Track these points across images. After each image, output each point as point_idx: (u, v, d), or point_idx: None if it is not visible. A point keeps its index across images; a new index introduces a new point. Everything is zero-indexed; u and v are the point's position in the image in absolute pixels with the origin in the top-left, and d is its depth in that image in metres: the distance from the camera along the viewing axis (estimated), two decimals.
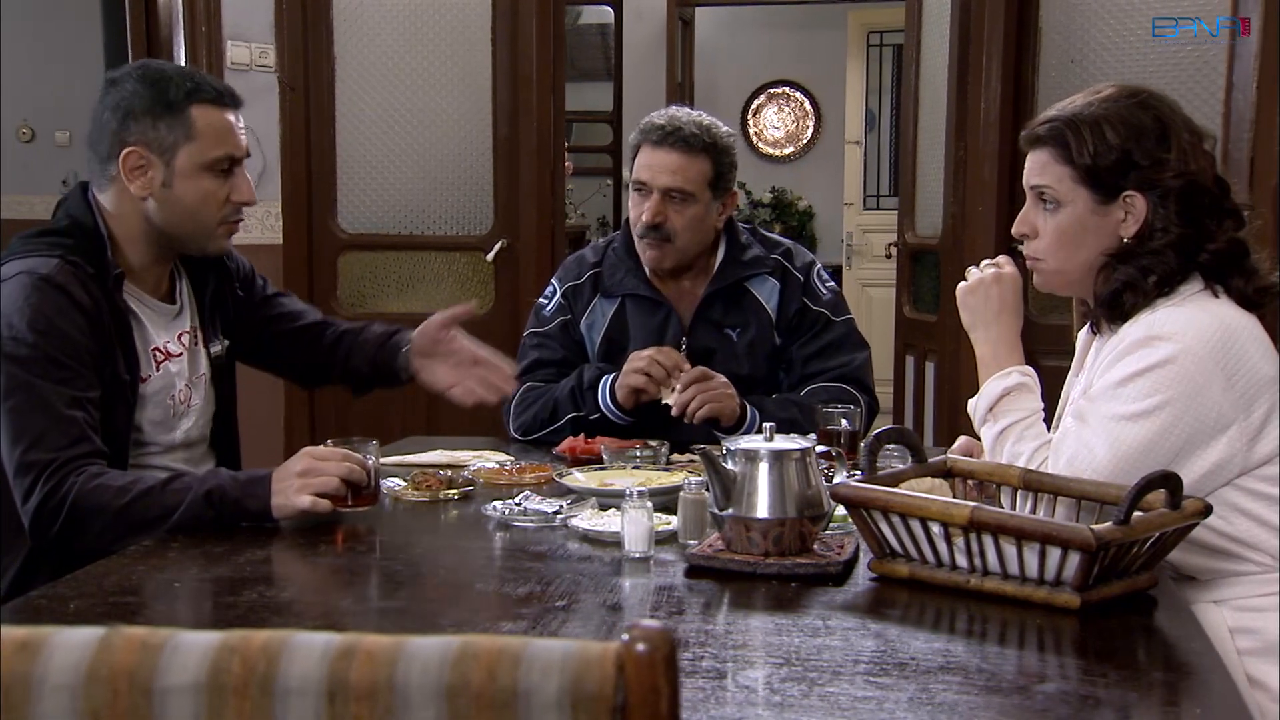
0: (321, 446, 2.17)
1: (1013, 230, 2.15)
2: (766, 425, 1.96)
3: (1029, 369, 2.18)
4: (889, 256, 5.87)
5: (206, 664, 0.76)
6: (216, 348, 2.50)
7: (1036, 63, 4.82)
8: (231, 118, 2.34)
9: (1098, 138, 2.01)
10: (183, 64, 4.59)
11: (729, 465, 1.93)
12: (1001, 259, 2.27)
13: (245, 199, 2.36)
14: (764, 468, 1.89)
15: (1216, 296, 1.98)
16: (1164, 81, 4.49)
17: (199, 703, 0.75)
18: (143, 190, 2.29)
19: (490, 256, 4.98)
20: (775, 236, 3.06)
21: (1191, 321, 1.93)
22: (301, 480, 2.09)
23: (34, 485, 2.09)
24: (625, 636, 0.76)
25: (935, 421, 5.06)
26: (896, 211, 8.98)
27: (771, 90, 9.98)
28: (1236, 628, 1.90)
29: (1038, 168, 2.09)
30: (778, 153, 9.84)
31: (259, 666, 0.75)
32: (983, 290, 2.23)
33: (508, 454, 2.72)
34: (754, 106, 10.00)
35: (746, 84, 9.95)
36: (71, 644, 0.76)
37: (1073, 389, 2.16)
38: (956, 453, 2.20)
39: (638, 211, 2.88)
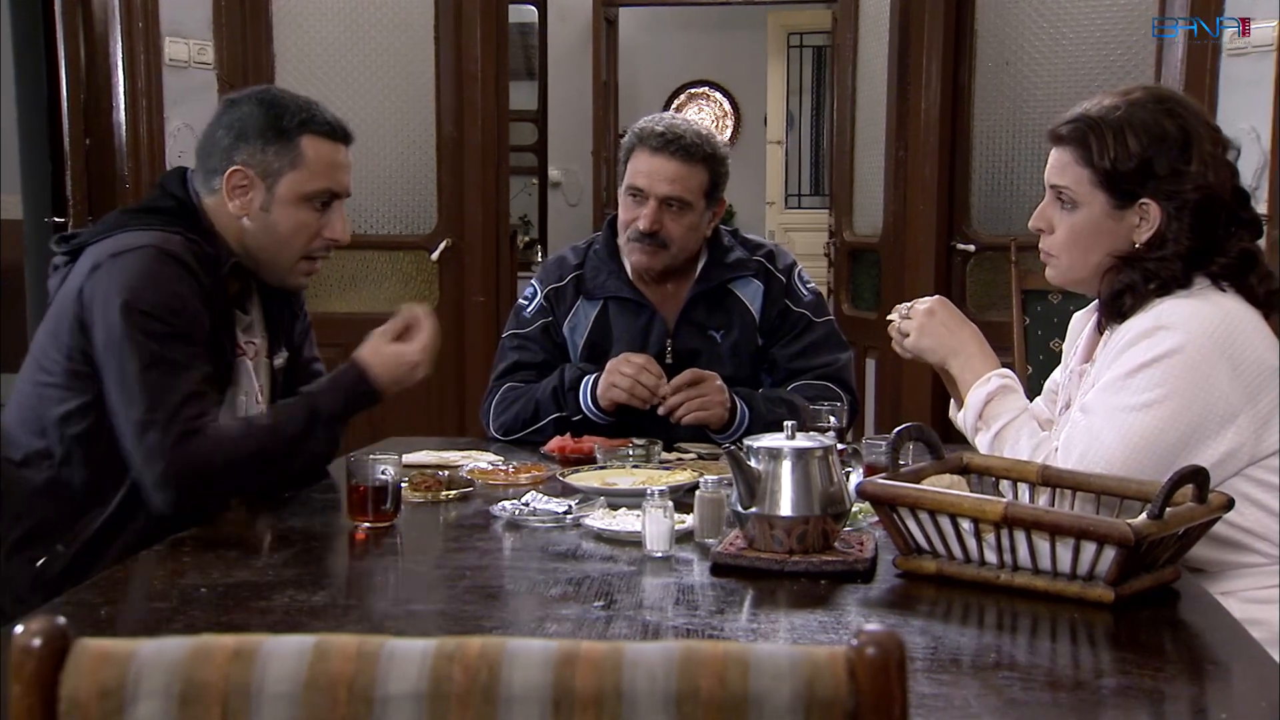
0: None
1: (1029, 224, 2.18)
2: (788, 424, 1.96)
3: (1007, 371, 2.21)
4: (827, 255, 5.92)
5: (427, 672, 0.74)
6: (279, 360, 2.49)
7: (973, 65, 4.92)
8: (340, 154, 2.38)
9: (1119, 143, 2.03)
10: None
11: (752, 463, 1.93)
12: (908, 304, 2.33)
13: (337, 236, 2.39)
14: (787, 466, 1.90)
15: (1223, 291, 2.02)
16: (1093, 84, 4.60)
17: (420, 711, 0.74)
18: (240, 210, 2.32)
19: (435, 256, 4.95)
20: (757, 238, 3.07)
21: (1196, 312, 1.97)
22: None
23: (161, 452, 2.14)
24: (855, 640, 0.76)
25: (877, 418, 5.12)
26: (817, 210, 9.07)
27: (692, 90, 10.04)
28: (1245, 619, 1.92)
29: (1059, 167, 2.11)
30: None
31: (481, 674, 0.74)
32: (927, 327, 2.27)
33: (493, 454, 2.70)
34: (675, 106, 10.03)
35: (668, 84, 9.99)
36: (285, 652, 0.75)
37: (1075, 382, 2.18)
38: None
39: (631, 215, 2.86)
